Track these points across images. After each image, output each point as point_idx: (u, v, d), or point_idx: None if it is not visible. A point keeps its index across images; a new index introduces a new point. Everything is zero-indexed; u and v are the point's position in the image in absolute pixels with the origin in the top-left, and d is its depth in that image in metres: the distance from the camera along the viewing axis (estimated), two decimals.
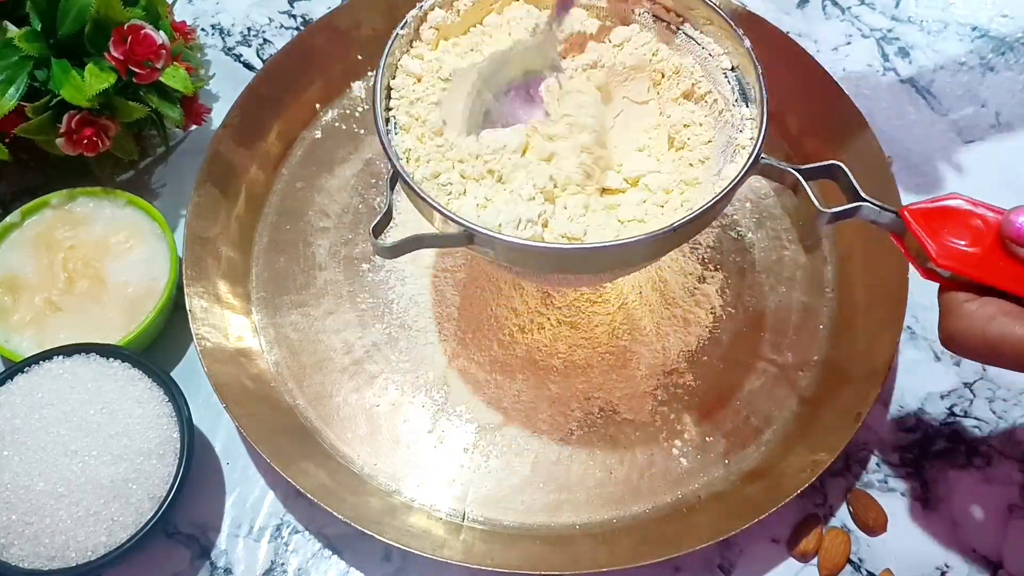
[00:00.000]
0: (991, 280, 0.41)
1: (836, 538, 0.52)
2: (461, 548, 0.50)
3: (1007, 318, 0.39)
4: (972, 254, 0.41)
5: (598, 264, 0.45)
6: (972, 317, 0.40)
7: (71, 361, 0.51)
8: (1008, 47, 0.71)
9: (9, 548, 0.47)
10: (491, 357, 0.56)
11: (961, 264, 0.41)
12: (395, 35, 0.48)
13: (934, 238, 0.41)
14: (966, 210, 0.42)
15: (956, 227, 0.42)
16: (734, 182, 0.43)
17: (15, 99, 0.54)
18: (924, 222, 0.42)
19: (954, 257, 0.41)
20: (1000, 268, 0.41)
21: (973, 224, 0.41)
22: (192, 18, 0.72)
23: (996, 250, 0.41)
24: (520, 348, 0.56)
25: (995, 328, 0.39)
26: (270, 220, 0.62)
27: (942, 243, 0.41)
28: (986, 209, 0.41)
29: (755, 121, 0.46)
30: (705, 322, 0.58)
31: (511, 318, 0.57)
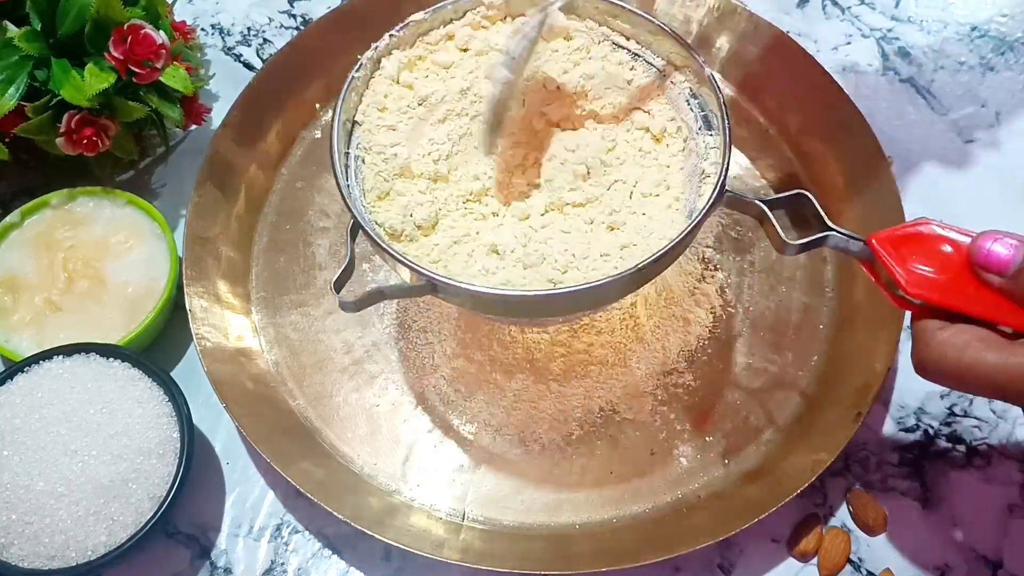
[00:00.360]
0: (962, 307, 0.40)
1: (836, 538, 0.52)
2: (461, 548, 0.50)
3: (980, 345, 0.39)
4: (941, 281, 0.40)
5: (564, 307, 0.45)
6: (944, 345, 0.39)
7: (71, 361, 0.51)
8: (1008, 47, 0.71)
9: (9, 548, 0.47)
10: (491, 357, 0.56)
11: (930, 292, 0.40)
12: (351, 79, 0.48)
13: (903, 266, 0.41)
14: (935, 234, 0.41)
15: (925, 253, 0.41)
16: (699, 216, 0.43)
17: (15, 99, 0.54)
18: (892, 249, 0.41)
19: (923, 285, 0.40)
20: (971, 294, 0.40)
21: (942, 250, 0.40)
22: (192, 18, 0.72)
23: (966, 276, 0.40)
24: (520, 348, 0.56)
25: (968, 357, 0.38)
26: (270, 220, 0.62)
27: (910, 271, 0.41)
28: (956, 233, 0.40)
29: (719, 150, 0.46)
30: (705, 322, 0.58)
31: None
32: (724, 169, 0.44)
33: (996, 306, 0.40)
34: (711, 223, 0.61)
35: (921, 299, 0.41)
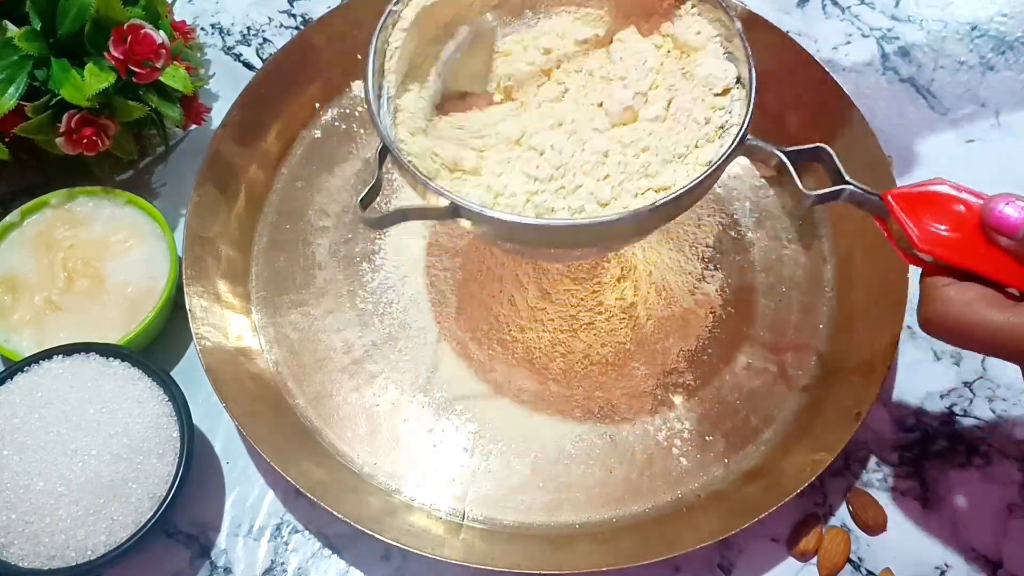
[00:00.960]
0: (971, 266, 0.41)
1: (836, 537, 0.52)
2: (461, 547, 0.50)
3: (984, 303, 0.39)
4: (953, 239, 0.41)
5: (583, 239, 0.45)
6: (950, 302, 0.40)
7: (71, 360, 0.51)
8: (1008, 46, 0.71)
9: (9, 547, 0.47)
10: (491, 356, 0.56)
11: (942, 249, 0.41)
12: (388, 11, 0.48)
13: (916, 223, 0.41)
14: (950, 195, 0.41)
15: (939, 212, 0.41)
16: (720, 160, 0.43)
17: (15, 98, 0.54)
18: (907, 206, 0.42)
19: (935, 242, 0.41)
20: (980, 254, 0.41)
21: (956, 209, 0.41)
22: (192, 17, 0.72)
23: (977, 236, 0.41)
24: (520, 347, 0.56)
25: (971, 313, 0.39)
26: (270, 219, 0.62)
27: (924, 228, 0.41)
28: (969, 194, 0.41)
29: (743, 102, 0.46)
30: (705, 322, 0.58)
31: (511, 317, 0.57)
32: (748, 117, 0.44)
33: (1005, 267, 0.40)
34: (711, 222, 0.61)
35: (932, 256, 0.41)
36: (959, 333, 0.40)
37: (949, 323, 0.40)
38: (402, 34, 0.49)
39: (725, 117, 0.47)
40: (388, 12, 0.48)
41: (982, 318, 0.39)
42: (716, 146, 0.47)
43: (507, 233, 0.45)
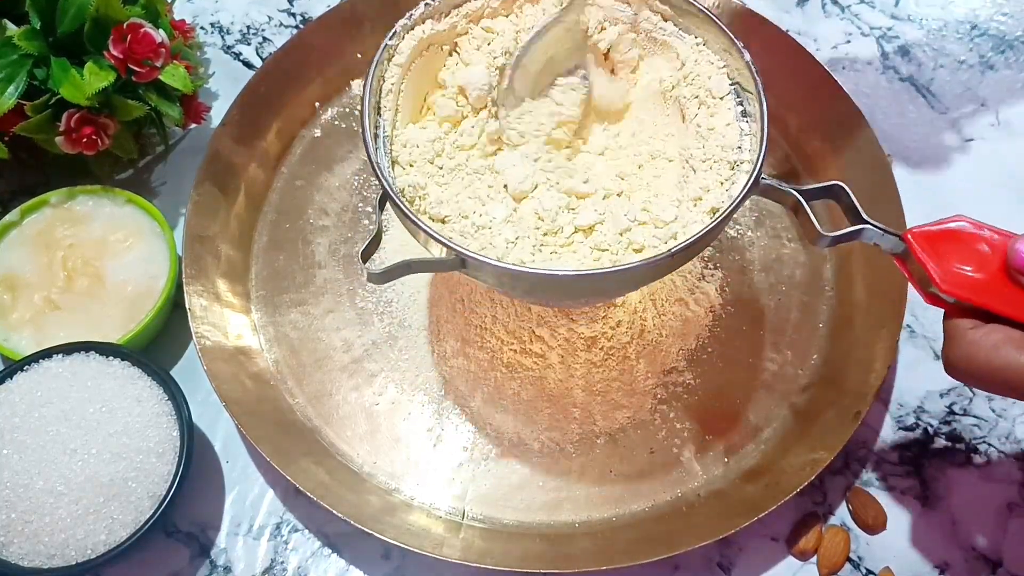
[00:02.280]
0: (996, 307, 0.39)
1: (835, 536, 0.52)
2: (461, 546, 0.50)
3: (1011, 346, 0.38)
4: (977, 280, 0.40)
5: (593, 289, 0.44)
6: (976, 345, 0.39)
7: (70, 359, 0.51)
8: (1008, 45, 0.71)
9: (9, 546, 0.47)
10: (490, 355, 0.56)
11: (965, 290, 0.40)
12: (383, 46, 0.47)
13: (939, 263, 0.40)
14: (971, 233, 0.40)
15: (961, 251, 0.40)
16: (734, 203, 0.42)
17: (14, 97, 0.54)
18: (928, 246, 0.40)
19: (958, 283, 0.40)
20: (1005, 295, 0.39)
21: (978, 248, 0.40)
22: (191, 16, 0.72)
23: (1001, 276, 0.39)
24: (519, 346, 0.56)
25: (1000, 357, 0.38)
26: (269, 218, 0.62)
27: (946, 268, 0.40)
28: (992, 232, 0.40)
29: (755, 137, 0.45)
30: (705, 321, 0.58)
31: (510, 317, 0.57)
32: (760, 157, 0.43)
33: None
34: None
35: (955, 297, 0.40)
36: (987, 378, 0.39)
37: (976, 367, 0.39)
38: (398, 69, 0.47)
39: (736, 155, 0.46)
40: (383, 47, 0.47)
41: (1011, 362, 0.38)
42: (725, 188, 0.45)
43: (518, 284, 0.44)
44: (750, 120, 0.46)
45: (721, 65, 0.48)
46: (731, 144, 0.46)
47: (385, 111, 0.47)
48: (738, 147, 0.46)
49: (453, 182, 0.48)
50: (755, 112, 0.46)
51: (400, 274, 0.42)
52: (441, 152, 0.48)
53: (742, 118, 0.46)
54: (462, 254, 0.41)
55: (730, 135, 0.46)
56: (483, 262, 0.41)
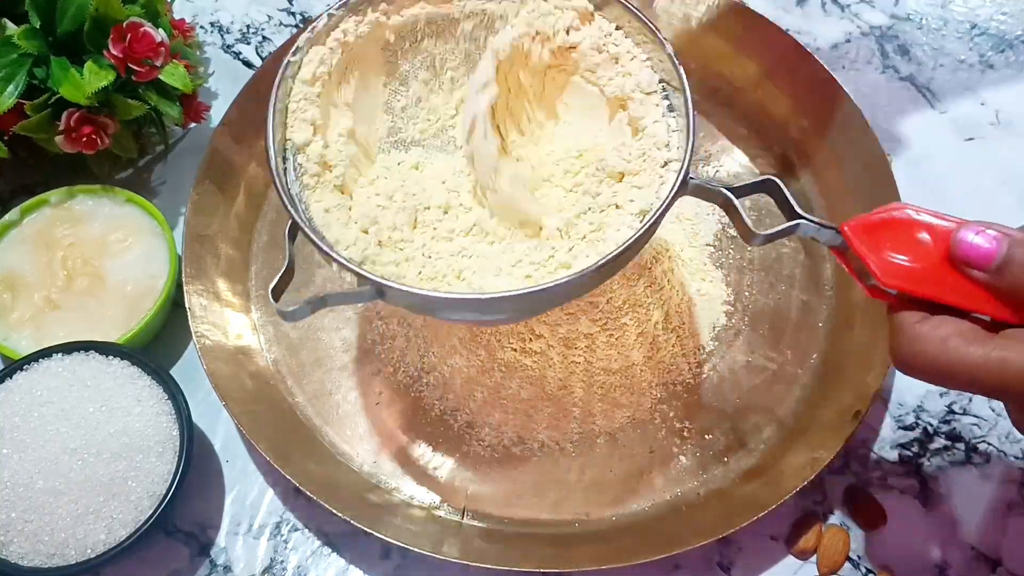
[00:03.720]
0: (940, 297, 0.38)
1: (835, 536, 0.52)
2: (460, 546, 0.50)
3: (961, 339, 0.36)
4: (918, 270, 0.38)
5: (522, 308, 0.42)
6: (925, 340, 0.37)
7: (70, 359, 0.51)
8: (1008, 45, 0.71)
9: (8, 546, 0.47)
10: (490, 354, 0.56)
11: (907, 282, 0.38)
12: (285, 63, 0.45)
13: (877, 254, 0.38)
14: (911, 221, 0.38)
15: (901, 241, 0.38)
16: (662, 206, 0.40)
17: (14, 97, 0.54)
18: (866, 237, 0.39)
19: (899, 275, 0.38)
20: (949, 284, 0.38)
21: (919, 237, 0.38)
22: (191, 16, 0.72)
23: (945, 264, 0.38)
24: (519, 345, 0.56)
25: (949, 351, 0.36)
26: (269, 218, 0.62)
27: (885, 260, 0.38)
28: (934, 218, 0.38)
29: (681, 133, 0.43)
30: (705, 320, 0.58)
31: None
32: (688, 155, 0.41)
33: (976, 297, 0.37)
34: (710, 220, 0.61)
35: (896, 288, 0.38)
36: (938, 373, 0.37)
37: (926, 363, 0.37)
38: (305, 86, 0.45)
39: (664, 153, 0.44)
40: (285, 64, 0.44)
41: (961, 355, 0.36)
42: (653, 188, 0.43)
43: (442, 309, 0.42)
44: (676, 116, 0.45)
45: (644, 59, 0.46)
46: (660, 143, 0.44)
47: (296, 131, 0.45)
48: (666, 145, 0.44)
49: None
50: (680, 107, 0.44)
51: (313, 310, 0.40)
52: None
53: (669, 113, 0.45)
54: (376, 283, 0.39)
55: (659, 133, 0.44)
56: (400, 289, 0.39)
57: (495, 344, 0.56)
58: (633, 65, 0.46)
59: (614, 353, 0.56)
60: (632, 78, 0.46)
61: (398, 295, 0.40)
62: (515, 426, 0.55)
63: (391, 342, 0.58)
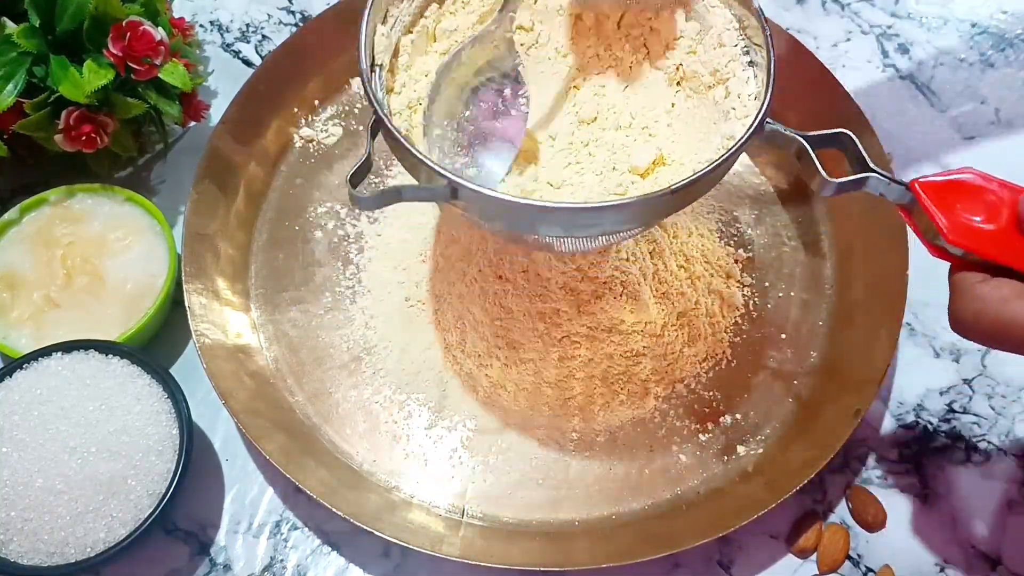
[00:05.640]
0: (1005, 260, 0.38)
1: (835, 534, 0.52)
2: (460, 544, 0.50)
3: (1021, 300, 0.37)
4: (984, 231, 0.39)
5: (591, 224, 0.42)
6: (984, 299, 0.37)
7: (70, 358, 0.51)
8: (1008, 43, 0.71)
9: (8, 544, 0.47)
10: (490, 354, 0.56)
11: (973, 242, 0.39)
12: None
13: (946, 213, 0.39)
14: (979, 185, 0.39)
15: (969, 202, 0.39)
16: (737, 144, 0.40)
17: (13, 95, 0.54)
18: (935, 196, 0.39)
19: (966, 234, 0.39)
20: (1014, 247, 0.38)
21: (988, 200, 0.39)
22: (191, 14, 0.72)
23: (1010, 229, 0.38)
24: (519, 344, 0.56)
25: (1008, 311, 0.37)
26: (269, 216, 0.62)
27: (954, 218, 0.39)
28: (1001, 185, 0.39)
29: (761, 80, 0.44)
30: (705, 319, 0.58)
31: (509, 315, 0.57)
32: (767, 101, 0.42)
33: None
34: (710, 220, 0.61)
35: (962, 248, 0.39)
36: (995, 333, 0.37)
37: (984, 323, 0.37)
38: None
39: (734, 103, 0.45)
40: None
41: (1021, 316, 0.36)
42: (732, 129, 0.45)
43: (510, 218, 0.42)
44: (756, 69, 0.46)
45: (726, 11, 0.47)
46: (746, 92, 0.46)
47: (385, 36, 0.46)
48: (738, 96, 0.45)
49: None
50: (761, 61, 0.45)
51: (390, 200, 0.40)
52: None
53: (748, 67, 0.46)
54: (453, 181, 0.39)
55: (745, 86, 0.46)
56: (474, 191, 0.39)
57: (495, 344, 0.56)
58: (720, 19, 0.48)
59: (614, 351, 0.56)
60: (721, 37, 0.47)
61: (471, 196, 0.40)
62: (515, 424, 0.55)
63: (391, 341, 0.58)
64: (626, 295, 0.57)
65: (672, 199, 0.40)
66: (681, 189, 0.39)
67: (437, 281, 0.59)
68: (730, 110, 0.46)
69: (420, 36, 0.49)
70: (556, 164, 0.49)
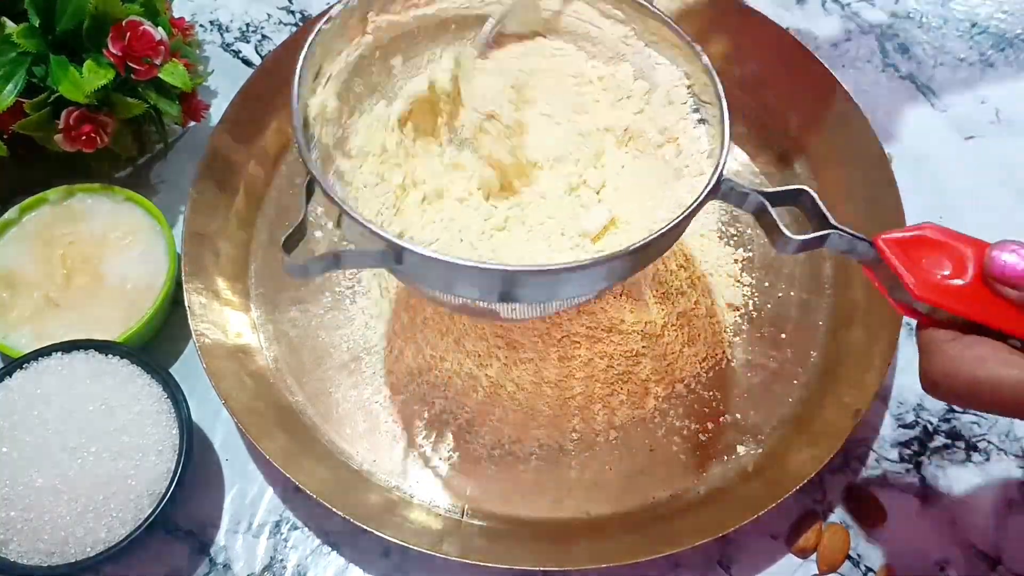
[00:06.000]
0: (975, 316, 0.37)
1: (835, 534, 0.52)
2: (460, 544, 0.50)
3: (997, 360, 0.36)
4: (953, 287, 0.38)
5: (542, 288, 0.40)
6: (958, 360, 0.36)
7: (70, 357, 0.51)
8: (1007, 43, 0.71)
9: (8, 544, 0.47)
10: (489, 353, 0.56)
11: (941, 297, 0.38)
12: (317, 31, 0.44)
13: (912, 269, 0.38)
14: (943, 241, 0.38)
15: (935, 258, 0.38)
16: (694, 205, 0.40)
17: (13, 95, 0.54)
18: (900, 251, 0.38)
19: (934, 290, 0.38)
20: (983, 304, 0.37)
21: (954, 255, 0.38)
22: (191, 14, 0.72)
23: (977, 284, 0.37)
24: (519, 344, 0.56)
25: (984, 372, 0.35)
26: (269, 216, 0.62)
27: (921, 274, 0.38)
28: (964, 242, 0.38)
29: (716, 137, 0.43)
30: (705, 319, 0.58)
31: None
32: (723, 159, 0.41)
33: (1008, 316, 0.37)
34: (710, 219, 0.61)
35: (929, 304, 0.38)
36: (971, 395, 0.36)
37: (959, 385, 0.36)
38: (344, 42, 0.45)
39: (686, 161, 0.44)
40: (316, 31, 0.44)
41: (997, 378, 0.35)
42: (686, 188, 0.44)
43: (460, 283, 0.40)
44: (708, 125, 0.45)
45: (674, 68, 0.47)
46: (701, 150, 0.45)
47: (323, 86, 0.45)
48: (699, 153, 0.44)
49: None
50: (714, 116, 0.44)
51: (327, 269, 0.38)
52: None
53: (699, 124, 0.45)
54: (395, 244, 0.37)
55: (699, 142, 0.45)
56: (421, 254, 0.37)
57: (495, 343, 0.56)
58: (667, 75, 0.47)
59: (614, 351, 0.56)
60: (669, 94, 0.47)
61: (416, 260, 0.38)
62: (515, 424, 0.55)
63: (390, 341, 0.58)
64: (626, 295, 0.57)
65: (630, 259, 0.39)
66: (639, 250, 0.38)
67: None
68: (683, 168, 0.45)
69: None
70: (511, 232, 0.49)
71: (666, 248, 0.42)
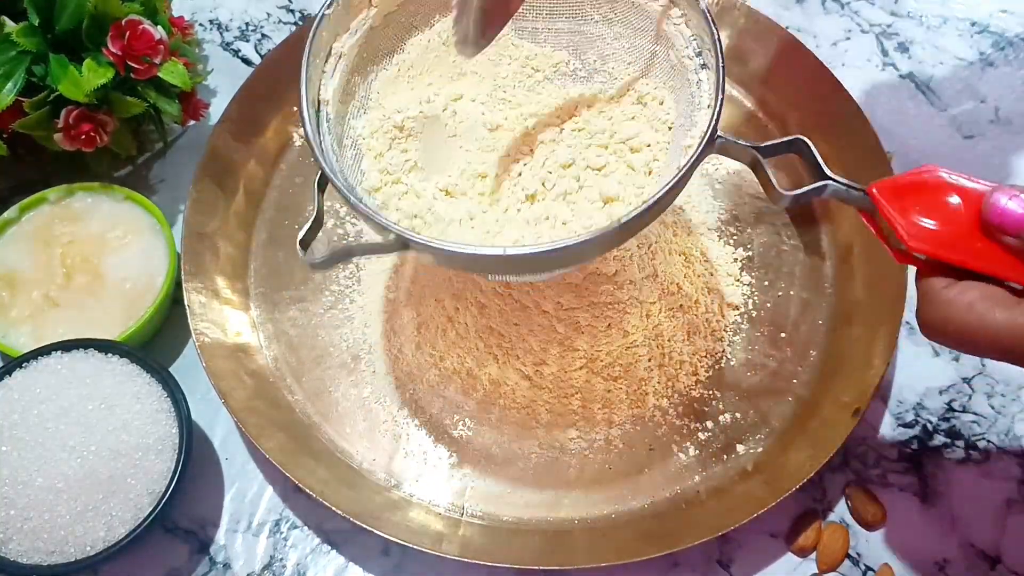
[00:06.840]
0: (968, 262, 0.37)
1: (835, 533, 0.52)
2: (460, 543, 0.50)
3: (987, 303, 0.36)
4: (946, 234, 0.37)
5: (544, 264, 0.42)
6: (951, 304, 0.37)
7: (69, 356, 0.51)
8: (1008, 43, 0.71)
9: (8, 543, 0.47)
10: (489, 352, 0.56)
11: (935, 246, 0.37)
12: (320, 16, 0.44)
13: (905, 217, 0.37)
14: (942, 183, 0.37)
15: (930, 204, 0.37)
16: (689, 162, 0.39)
17: (13, 94, 0.54)
18: (895, 199, 0.38)
19: (926, 238, 0.37)
20: (979, 249, 0.37)
21: (949, 201, 0.37)
22: (190, 13, 0.72)
23: (974, 229, 0.37)
24: (518, 343, 0.56)
25: (974, 315, 0.36)
26: (268, 215, 0.62)
27: (913, 223, 0.37)
28: (966, 181, 0.37)
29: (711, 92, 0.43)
30: (704, 318, 0.58)
31: (507, 313, 0.57)
32: (716, 111, 0.41)
33: (1005, 262, 0.37)
34: (710, 218, 0.61)
35: (923, 253, 0.37)
36: (963, 337, 0.36)
37: (951, 328, 0.37)
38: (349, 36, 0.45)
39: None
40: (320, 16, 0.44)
41: (986, 319, 0.36)
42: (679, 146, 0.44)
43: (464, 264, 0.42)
44: (708, 71, 0.44)
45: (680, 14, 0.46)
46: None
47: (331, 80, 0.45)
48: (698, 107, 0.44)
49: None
50: (712, 63, 0.43)
51: (342, 259, 0.40)
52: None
53: (701, 70, 0.45)
54: (403, 235, 0.39)
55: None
56: (426, 244, 0.39)
57: (494, 343, 0.56)
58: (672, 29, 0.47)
59: (614, 350, 0.56)
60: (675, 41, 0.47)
61: (421, 248, 0.39)
62: (514, 423, 0.55)
63: (390, 339, 0.58)
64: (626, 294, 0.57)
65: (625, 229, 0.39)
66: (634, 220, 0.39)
67: (435, 280, 0.59)
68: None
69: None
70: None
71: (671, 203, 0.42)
